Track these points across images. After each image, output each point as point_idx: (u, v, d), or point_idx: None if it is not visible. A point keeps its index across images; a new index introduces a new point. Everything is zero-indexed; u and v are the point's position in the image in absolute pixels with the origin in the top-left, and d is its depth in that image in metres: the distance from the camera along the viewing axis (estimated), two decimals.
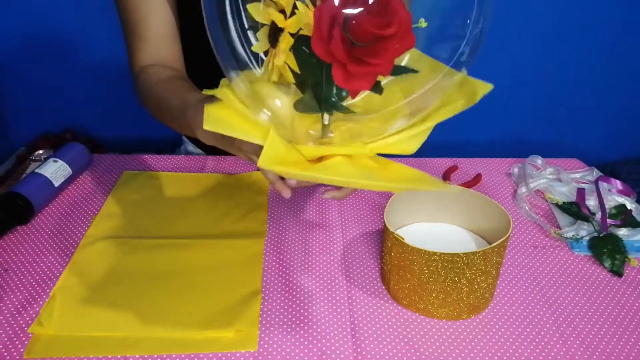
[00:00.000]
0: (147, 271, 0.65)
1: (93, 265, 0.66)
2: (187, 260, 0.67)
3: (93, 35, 1.46)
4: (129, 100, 1.34)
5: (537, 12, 1.44)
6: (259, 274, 0.65)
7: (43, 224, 0.74)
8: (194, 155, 0.92)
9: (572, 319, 0.60)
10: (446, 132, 1.72)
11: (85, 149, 0.86)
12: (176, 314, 0.59)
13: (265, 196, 0.80)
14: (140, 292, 0.62)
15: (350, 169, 0.47)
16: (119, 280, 0.63)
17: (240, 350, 0.55)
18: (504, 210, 0.62)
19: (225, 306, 0.60)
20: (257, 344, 0.56)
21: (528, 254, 0.70)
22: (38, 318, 0.57)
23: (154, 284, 0.63)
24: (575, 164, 0.91)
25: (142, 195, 0.80)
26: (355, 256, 0.69)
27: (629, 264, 0.68)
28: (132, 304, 0.60)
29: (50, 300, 0.60)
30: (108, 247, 0.68)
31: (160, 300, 0.61)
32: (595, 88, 1.59)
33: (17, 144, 1.58)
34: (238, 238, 0.71)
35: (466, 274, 0.56)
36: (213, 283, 0.63)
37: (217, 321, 0.58)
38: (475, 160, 0.92)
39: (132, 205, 0.77)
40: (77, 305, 0.60)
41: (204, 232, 0.72)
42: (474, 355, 0.55)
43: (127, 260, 0.66)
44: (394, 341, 0.57)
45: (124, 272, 0.65)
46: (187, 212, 0.76)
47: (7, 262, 0.66)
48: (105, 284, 0.63)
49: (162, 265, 0.66)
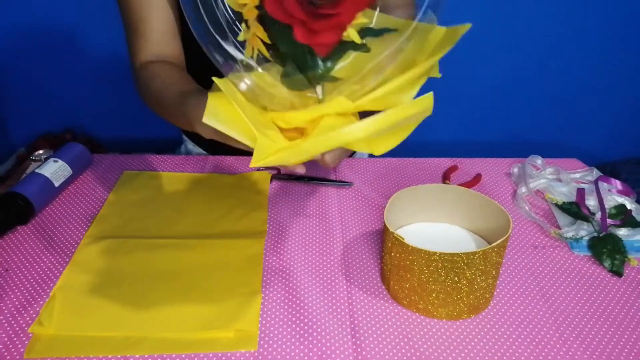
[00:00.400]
0: (147, 271, 0.65)
1: (93, 265, 0.66)
2: (187, 260, 0.67)
3: (93, 35, 1.46)
4: (129, 100, 1.34)
5: (537, 12, 1.44)
6: (259, 274, 0.65)
7: (43, 224, 0.74)
8: (194, 155, 0.92)
9: (572, 318, 0.60)
10: (446, 132, 1.73)
11: (86, 149, 0.86)
12: (176, 314, 0.59)
13: (265, 196, 0.80)
14: (140, 292, 0.62)
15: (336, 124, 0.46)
16: (119, 280, 0.63)
17: (240, 350, 0.55)
18: (503, 210, 0.62)
19: (225, 306, 0.60)
20: (257, 344, 0.56)
21: (528, 254, 0.70)
22: (38, 318, 0.57)
23: (154, 284, 0.63)
24: (575, 164, 0.91)
25: (142, 195, 0.80)
26: (355, 256, 0.69)
27: (628, 263, 0.68)
28: (133, 304, 0.60)
29: (50, 300, 0.60)
30: (108, 247, 0.68)
31: (160, 300, 0.61)
32: (595, 88, 1.59)
33: (17, 144, 1.59)
34: (238, 238, 0.71)
35: (466, 274, 0.56)
36: (213, 283, 0.63)
37: (217, 321, 0.58)
38: (475, 160, 0.92)
39: (132, 205, 0.77)
40: (78, 305, 0.60)
41: (204, 232, 0.72)
42: (474, 355, 0.55)
43: (127, 260, 0.66)
44: (394, 341, 0.57)
45: (124, 272, 0.65)
46: (187, 212, 0.76)
47: (7, 262, 0.66)
48: (105, 284, 0.63)
49: (162, 265, 0.66)
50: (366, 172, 0.87)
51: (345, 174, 0.87)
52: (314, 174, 0.86)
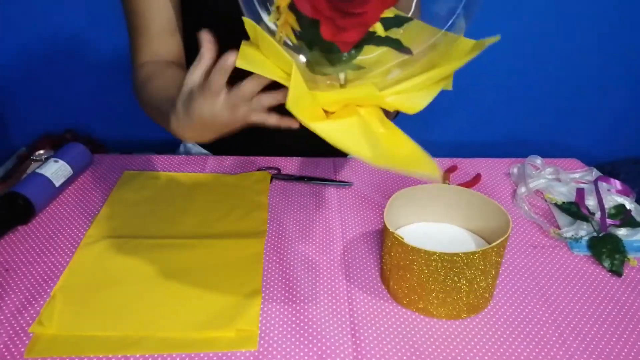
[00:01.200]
0: (148, 271, 0.65)
1: (94, 265, 0.66)
2: (187, 260, 0.67)
3: (93, 35, 1.46)
4: (129, 100, 1.34)
5: (536, 11, 1.44)
6: (259, 274, 0.65)
7: (43, 223, 0.74)
8: (194, 155, 0.92)
9: (572, 318, 0.60)
10: (446, 132, 1.73)
11: (86, 149, 0.86)
12: (176, 314, 0.59)
13: (265, 196, 0.80)
14: (140, 291, 0.62)
15: (356, 131, 0.47)
16: (120, 280, 0.63)
17: (241, 350, 0.55)
18: (503, 210, 0.62)
19: (225, 306, 0.60)
20: (257, 343, 0.56)
21: (527, 254, 0.70)
22: (39, 318, 0.58)
23: (154, 283, 0.63)
24: (574, 164, 0.92)
25: (143, 196, 0.80)
26: (355, 256, 0.69)
27: (628, 263, 0.68)
28: (133, 304, 0.60)
29: (50, 300, 0.60)
30: (109, 247, 0.69)
31: (160, 300, 0.61)
32: (594, 88, 1.59)
33: (18, 144, 1.58)
34: (238, 238, 0.71)
35: (465, 274, 0.56)
36: (213, 282, 0.63)
37: (217, 321, 0.58)
38: (474, 160, 0.92)
39: (132, 205, 0.77)
40: (78, 305, 0.60)
41: (204, 232, 0.72)
42: (474, 355, 0.55)
43: (127, 260, 0.66)
44: (394, 340, 0.57)
45: (124, 272, 0.65)
46: (187, 212, 0.77)
47: (8, 262, 0.66)
48: (106, 284, 0.63)
49: (162, 266, 0.66)
50: (366, 172, 0.87)
51: (345, 174, 0.87)
52: (314, 174, 0.86)
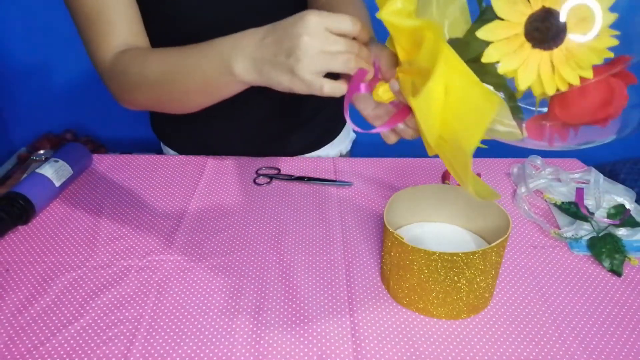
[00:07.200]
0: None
1: None
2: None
3: None
4: None
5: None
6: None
7: (44, 223, 0.74)
8: (194, 156, 0.91)
9: (572, 318, 0.60)
10: None
11: (86, 149, 0.86)
12: None
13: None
14: None
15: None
16: None
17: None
18: (503, 210, 0.62)
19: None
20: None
21: (527, 254, 0.70)
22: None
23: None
24: (574, 164, 0.92)
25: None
26: (355, 256, 0.69)
27: (628, 263, 0.68)
28: None
29: None
30: None
31: None
32: None
33: (18, 144, 1.59)
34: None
35: (465, 274, 0.56)
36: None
37: None
38: (475, 160, 0.91)
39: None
40: None
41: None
42: (473, 355, 0.55)
43: None
44: (394, 340, 0.57)
45: None
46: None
47: (8, 262, 0.67)
48: None
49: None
50: (366, 172, 0.87)
51: (345, 174, 0.87)
52: (314, 174, 0.86)
